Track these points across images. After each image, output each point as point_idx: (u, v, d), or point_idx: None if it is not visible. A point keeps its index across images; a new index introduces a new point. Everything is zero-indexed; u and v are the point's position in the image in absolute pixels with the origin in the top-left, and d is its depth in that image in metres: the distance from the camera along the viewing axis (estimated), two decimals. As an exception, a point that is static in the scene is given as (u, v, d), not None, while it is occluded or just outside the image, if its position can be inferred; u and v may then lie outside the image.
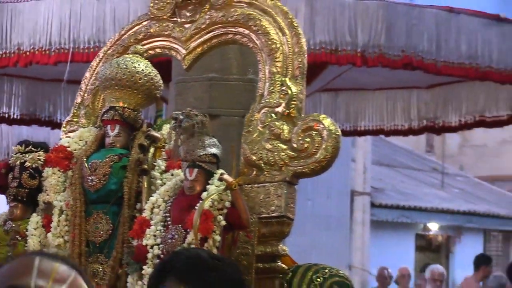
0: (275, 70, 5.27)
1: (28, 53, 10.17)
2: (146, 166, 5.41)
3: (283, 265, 5.32)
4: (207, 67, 6.78)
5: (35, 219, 5.57)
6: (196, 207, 5.05)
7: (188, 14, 5.59)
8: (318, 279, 5.27)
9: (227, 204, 5.09)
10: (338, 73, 11.29)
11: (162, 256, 5.00)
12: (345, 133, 12.64)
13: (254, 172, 5.25)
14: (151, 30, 5.70)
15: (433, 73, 11.05)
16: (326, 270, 5.37)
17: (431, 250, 26.27)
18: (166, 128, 5.52)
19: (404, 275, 18.60)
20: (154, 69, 5.54)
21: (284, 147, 5.18)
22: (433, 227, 25.60)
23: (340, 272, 5.52)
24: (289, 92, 5.22)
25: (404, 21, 10.67)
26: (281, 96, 5.23)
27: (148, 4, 9.99)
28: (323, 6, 9.71)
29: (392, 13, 10.70)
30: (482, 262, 17.59)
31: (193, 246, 4.93)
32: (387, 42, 10.45)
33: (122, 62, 5.48)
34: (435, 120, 12.87)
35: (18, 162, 5.64)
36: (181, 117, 5.19)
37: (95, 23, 9.88)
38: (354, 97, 13.13)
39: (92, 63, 5.92)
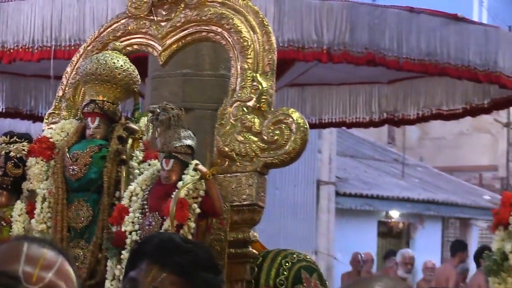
0: (246, 66, 5.27)
1: (12, 51, 10.19)
2: (124, 157, 5.42)
3: (254, 251, 5.34)
4: (182, 63, 6.78)
5: (19, 206, 5.56)
6: (172, 196, 5.06)
7: (164, 12, 5.59)
8: (287, 264, 5.28)
9: (202, 193, 5.10)
10: (305, 69, 11.32)
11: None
12: (311, 125, 12.69)
13: (227, 163, 5.26)
14: (129, 28, 5.70)
15: (395, 69, 11.14)
16: (294, 255, 5.39)
17: (393, 236, 26.34)
18: (143, 120, 5.53)
19: (367, 260, 18.67)
20: (132, 64, 5.54)
21: (255, 139, 5.19)
22: (394, 214, 25.68)
23: (307, 257, 5.54)
24: (260, 87, 5.23)
25: (367, 21, 10.77)
26: (252, 91, 5.24)
27: (125, 4, 10.05)
28: (291, 7, 9.78)
29: (355, 13, 10.79)
30: (458, 248, 17.68)
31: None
32: (351, 40, 10.53)
33: (102, 58, 5.49)
34: (394, 113, 12.98)
35: (3, 152, 5.64)
36: (158, 110, 5.20)
37: (76, 22, 9.91)
38: (319, 92, 13.22)
39: (73, 59, 5.92)
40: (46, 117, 5.87)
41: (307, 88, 13.14)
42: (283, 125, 5.16)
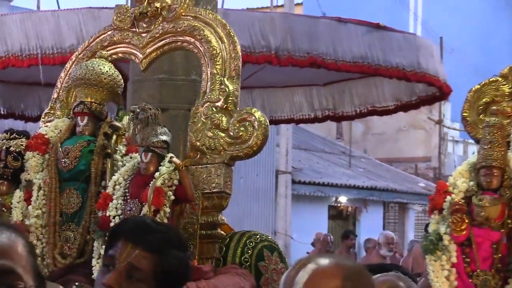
0: (215, 72, 5.27)
1: (3, 58, 10.27)
2: (109, 151, 5.42)
3: (222, 232, 5.33)
4: (158, 70, 6.77)
5: (18, 194, 5.55)
6: (150, 185, 5.05)
7: (144, 25, 5.57)
8: (251, 243, 5.28)
9: (176, 182, 5.09)
10: (251, 73, 11.32)
11: (122, 225, 4.99)
12: None
13: (198, 156, 5.25)
14: (114, 38, 5.68)
15: (334, 70, 11.34)
16: (257, 236, 5.38)
17: (341, 218, 26.45)
18: (125, 119, 5.52)
19: (320, 239, 18.69)
20: (116, 70, 5.53)
21: (223, 135, 5.19)
22: (342, 199, 25.78)
23: (269, 237, 5.54)
24: (227, 90, 5.22)
25: (303, 29, 10.99)
26: (220, 93, 5.23)
27: (94, 15, 10.08)
28: (235, 18, 9.88)
29: (292, 23, 11.06)
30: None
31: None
32: (293, 46, 10.75)
33: (90, 65, 5.48)
34: (334, 111, 13.24)
35: (4, 147, 5.63)
36: (137, 110, 5.20)
37: (54, 33, 9.98)
38: (266, 93, 13.36)
39: (66, 65, 5.89)
40: (43, 116, 5.86)
41: (254, 90, 13.24)
42: (247, 122, 5.16)
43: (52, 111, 5.79)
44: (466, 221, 4.65)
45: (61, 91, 5.78)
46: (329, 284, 2.36)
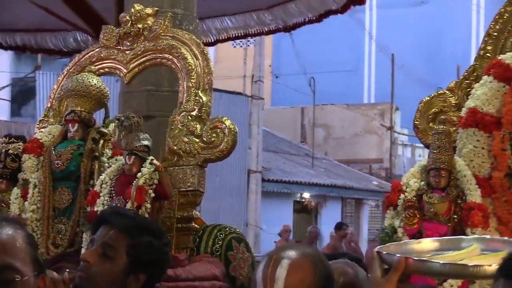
0: (191, 85, 5.26)
1: None
2: (97, 154, 5.41)
3: (196, 225, 5.32)
4: (146, 82, 6.74)
5: (15, 191, 5.52)
6: (133, 184, 5.03)
7: (128, 43, 5.56)
8: (221, 235, 5.28)
9: (156, 181, 5.07)
10: None
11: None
12: (222, 40, 11.84)
13: (175, 158, 5.24)
14: (102, 55, 5.66)
15: None
16: (227, 229, 5.39)
17: (305, 212, 26.46)
18: (111, 126, 5.50)
19: (286, 230, 18.69)
20: (103, 83, 5.51)
21: (197, 140, 5.18)
22: (306, 195, 25.79)
23: (237, 230, 5.54)
24: (201, 100, 5.22)
25: None
26: (195, 103, 5.23)
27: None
28: None
29: None
30: (338, 227, 17.76)
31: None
32: None
33: (80, 78, 5.46)
34: (285, 24, 11.51)
35: (3, 150, 5.60)
36: (122, 118, 5.18)
37: None
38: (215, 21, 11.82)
39: (58, 78, 5.87)
40: (38, 123, 5.83)
41: (206, 20, 11.76)
42: (219, 129, 5.16)
43: (46, 119, 5.77)
44: (418, 216, 4.66)
45: (54, 101, 5.77)
46: (304, 274, 2.38)
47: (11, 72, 20.26)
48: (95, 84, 5.43)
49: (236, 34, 11.68)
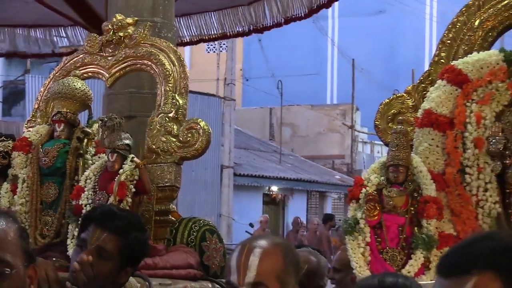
0: (168, 89, 5.24)
1: None
2: (81, 151, 5.36)
3: (173, 218, 5.30)
4: (128, 85, 6.69)
5: (5, 186, 5.47)
6: (115, 180, 5.00)
7: (110, 50, 5.53)
8: (196, 227, 5.26)
9: (136, 177, 5.04)
10: None
11: (92, 212, 4.95)
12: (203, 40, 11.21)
13: (154, 156, 5.21)
14: (85, 61, 5.62)
15: None
16: (201, 221, 5.37)
17: (273, 204, 26.52)
18: (95, 126, 5.47)
19: (266, 221, 18.74)
20: (87, 86, 5.48)
21: (174, 140, 5.16)
22: (274, 189, 25.85)
23: (210, 222, 5.52)
24: (178, 103, 5.20)
25: None
26: (172, 106, 5.20)
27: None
28: None
29: None
30: (328, 218, 17.84)
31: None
32: None
33: (66, 81, 5.41)
34: (257, 25, 10.84)
35: None
36: (106, 119, 5.15)
37: None
38: (204, 17, 11.17)
39: (45, 82, 5.82)
40: (26, 123, 5.77)
41: (190, 16, 11.12)
42: (194, 130, 5.14)
43: (33, 119, 5.72)
44: (378, 208, 4.66)
45: (41, 103, 5.72)
46: (275, 261, 2.40)
47: (2, 76, 20.17)
48: (79, 87, 5.39)
49: (210, 36, 11.15)
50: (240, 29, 10.87)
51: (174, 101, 5.21)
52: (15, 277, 2.11)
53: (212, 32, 11.01)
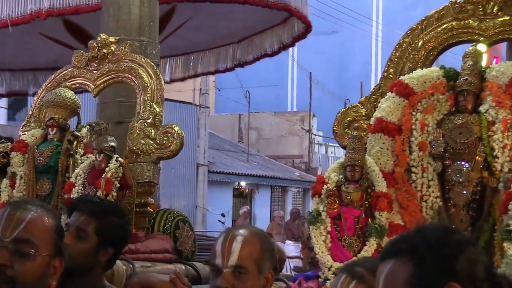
0: (146, 98, 5.22)
1: None
2: (72, 152, 5.32)
3: (151, 209, 5.28)
4: (118, 95, 6.65)
5: (5, 181, 5.42)
6: (102, 176, 4.97)
7: (95, 65, 5.50)
8: (170, 217, 5.25)
9: (120, 174, 5.02)
10: (180, 23, 9.32)
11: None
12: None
13: (134, 156, 5.19)
14: (74, 73, 5.58)
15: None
16: (175, 212, 5.35)
17: (242, 197, 26.49)
18: (83, 130, 5.43)
19: (246, 212, 18.65)
20: (76, 96, 5.44)
21: (152, 142, 5.14)
22: (243, 184, 25.81)
23: (183, 213, 5.51)
24: (155, 111, 5.18)
25: None
26: (150, 113, 5.19)
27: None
28: None
29: None
30: (295, 215, 17.70)
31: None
32: None
33: (58, 92, 5.37)
34: (240, 60, 10.99)
35: None
36: (93, 124, 5.12)
37: None
38: (199, 56, 11.14)
39: (38, 92, 5.78)
40: (21, 127, 5.72)
41: (189, 55, 11.15)
42: (169, 134, 5.13)
43: (28, 124, 5.68)
44: (337, 202, 4.67)
45: (34, 110, 5.68)
46: (254, 248, 2.42)
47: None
48: (70, 96, 5.36)
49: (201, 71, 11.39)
50: (229, 65, 10.96)
51: (151, 109, 5.19)
52: (38, 261, 2.05)
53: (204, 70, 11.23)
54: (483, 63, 4.85)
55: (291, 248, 15.04)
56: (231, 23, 9.94)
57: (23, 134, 5.55)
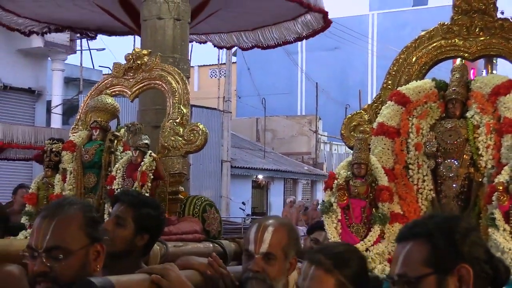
0: (175, 101, 5.17)
1: None
2: (113, 149, 5.28)
3: (181, 197, 5.23)
4: (155, 103, 6.66)
5: (57, 176, 5.37)
6: (138, 170, 4.92)
7: (131, 74, 5.46)
8: (198, 202, 5.19)
9: (154, 167, 4.96)
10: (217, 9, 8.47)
11: (120, 194, 4.86)
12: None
13: (166, 151, 5.15)
14: (114, 82, 5.54)
15: None
16: (202, 198, 5.30)
17: (259, 188, 26.51)
18: (122, 131, 5.39)
19: (291, 200, 18.47)
20: (116, 102, 5.41)
21: (180, 139, 5.09)
22: (260, 177, 25.81)
23: (209, 199, 5.45)
24: (183, 112, 5.14)
25: None
26: (178, 114, 5.14)
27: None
28: None
29: None
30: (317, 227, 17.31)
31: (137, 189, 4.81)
32: None
33: (100, 98, 5.33)
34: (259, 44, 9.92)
35: (48, 149, 5.45)
36: (130, 125, 5.08)
37: None
38: (233, 36, 10.04)
39: (84, 99, 5.75)
40: (71, 130, 5.70)
41: (227, 34, 9.95)
42: (195, 131, 5.08)
43: (76, 127, 5.65)
44: (346, 195, 4.63)
45: (81, 115, 5.65)
46: (282, 237, 2.44)
47: (62, 95, 20.66)
48: (110, 102, 5.31)
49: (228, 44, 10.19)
50: (250, 44, 9.87)
51: (179, 110, 5.14)
52: (73, 257, 2.00)
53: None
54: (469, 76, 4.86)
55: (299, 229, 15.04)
56: (257, 17, 9.16)
57: (72, 136, 5.52)
